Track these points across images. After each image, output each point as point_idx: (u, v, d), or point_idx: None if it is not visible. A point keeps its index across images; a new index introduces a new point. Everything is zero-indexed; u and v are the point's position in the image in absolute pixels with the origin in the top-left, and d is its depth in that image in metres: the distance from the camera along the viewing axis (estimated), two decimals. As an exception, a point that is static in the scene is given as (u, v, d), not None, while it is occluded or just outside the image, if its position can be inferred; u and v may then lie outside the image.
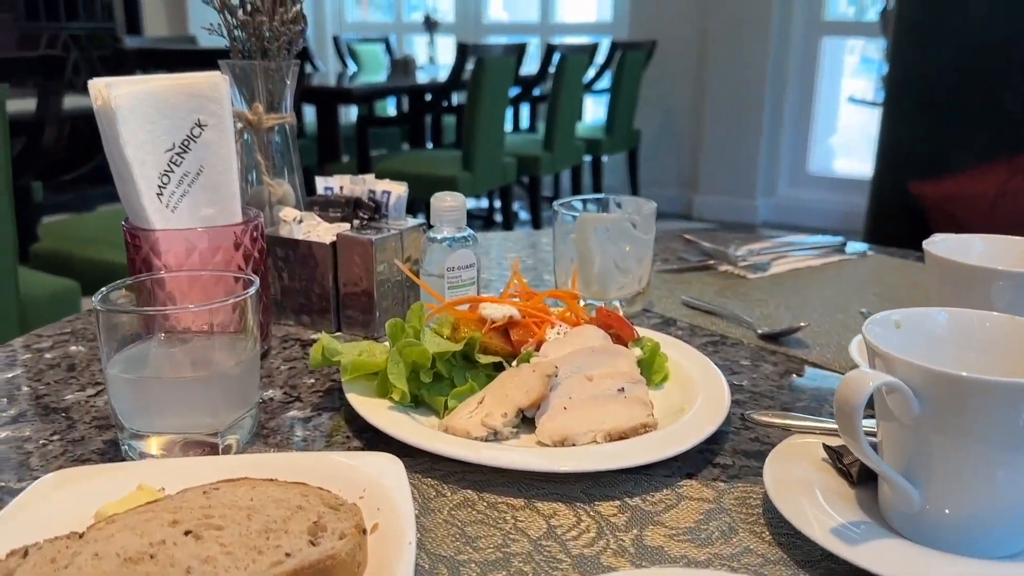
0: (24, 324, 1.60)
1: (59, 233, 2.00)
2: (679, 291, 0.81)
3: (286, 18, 0.65)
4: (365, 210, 0.69)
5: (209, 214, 0.59)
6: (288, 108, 0.69)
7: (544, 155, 3.49)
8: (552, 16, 4.80)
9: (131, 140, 0.54)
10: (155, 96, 0.55)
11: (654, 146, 4.48)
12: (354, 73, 4.15)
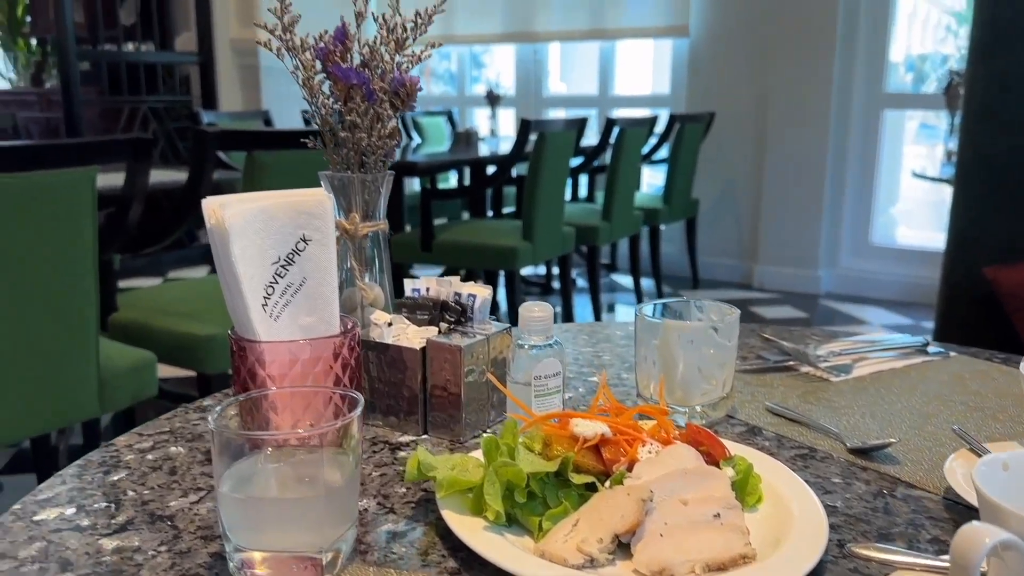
0: (103, 394, 1.66)
1: (136, 303, 2.08)
2: (761, 395, 0.80)
3: (383, 133, 0.69)
4: (451, 313, 0.71)
5: (309, 322, 0.61)
6: (381, 215, 0.71)
7: (602, 225, 3.52)
8: (610, 89, 4.89)
9: (241, 256, 0.57)
10: (264, 213, 0.59)
11: (713, 215, 4.48)
12: (418, 145, 4.27)
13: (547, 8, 4.76)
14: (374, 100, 0.67)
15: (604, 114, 4.82)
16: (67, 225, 1.54)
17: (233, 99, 4.49)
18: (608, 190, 3.54)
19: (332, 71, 0.66)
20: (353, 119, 0.67)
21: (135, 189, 1.74)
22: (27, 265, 1.48)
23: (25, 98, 5.07)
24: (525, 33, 4.82)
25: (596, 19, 4.63)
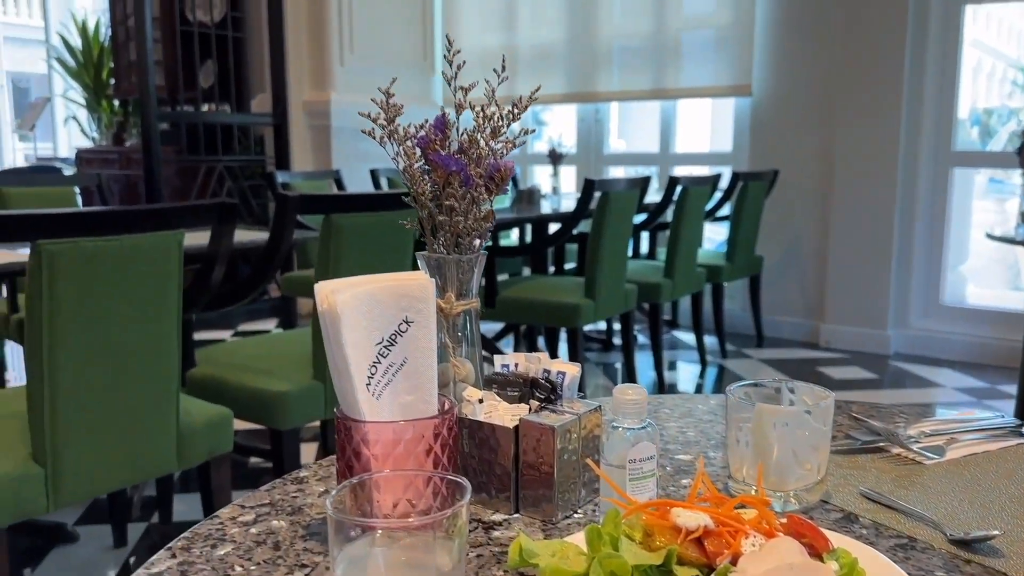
0: (181, 450, 1.71)
1: (213, 359, 2.14)
2: (854, 478, 0.79)
3: (478, 216, 0.71)
4: (541, 390, 0.72)
5: (408, 401, 0.63)
6: (474, 293, 0.73)
7: (665, 282, 3.51)
8: (671, 147, 4.91)
9: (350, 340, 0.60)
10: (371, 297, 0.61)
11: (777, 272, 4.43)
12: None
13: (608, 69, 4.84)
14: (471, 185, 0.70)
15: (665, 171, 4.85)
16: (155, 285, 1.60)
17: (305, 158, 4.64)
18: (671, 248, 3.54)
19: (433, 159, 0.69)
20: (451, 203, 0.70)
21: (219, 250, 1.81)
22: (116, 323, 1.55)
23: (107, 156, 5.33)
24: (587, 94, 4.90)
25: (658, 80, 4.68)
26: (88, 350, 1.51)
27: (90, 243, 1.48)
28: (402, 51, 5.01)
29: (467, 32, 5.25)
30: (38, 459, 1.49)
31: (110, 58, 5.63)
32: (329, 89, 4.62)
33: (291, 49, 4.57)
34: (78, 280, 1.47)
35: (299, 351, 2.11)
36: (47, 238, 1.43)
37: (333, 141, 4.64)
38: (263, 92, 4.89)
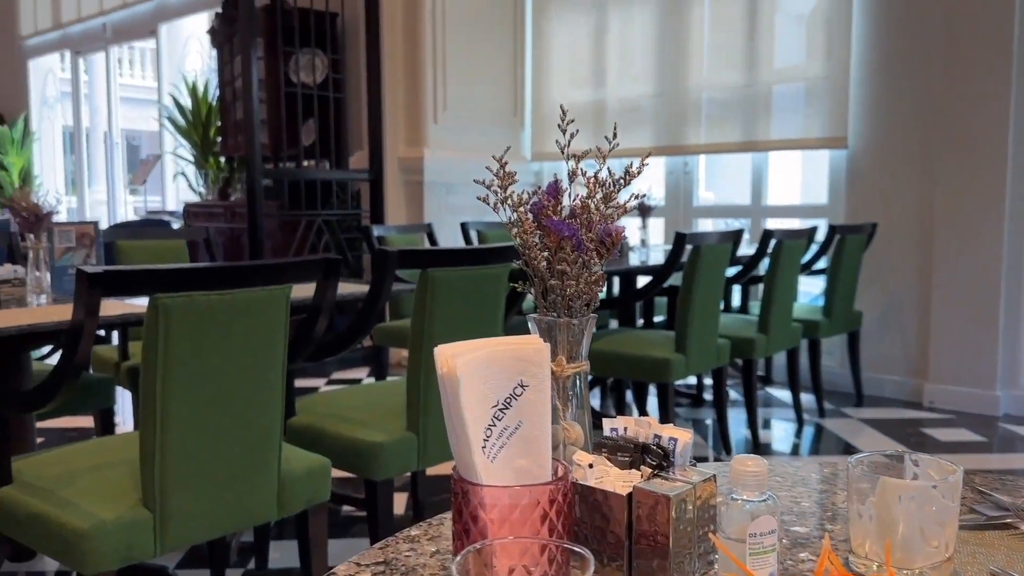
0: (281, 498, 1.75)
1: (312, 408, 2.20)
2: (982, 556, 0.75)
3: (590, 280, 0.72)
4: (653, 456, 0.71)
5: (522, 465, 0.64)
6: (584, 356, 0.74)
7: (759, 337, 3.43)
8: (762, 199, 4.84)
9: (468, 403, 0.61)
10: (488, 361, 0.62)
11: (877, 328, 4.27)
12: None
13: (697, 122, 4.84)
14: (582, 250, 0.71)
15: (756, 223, 4.77)
16: (263, 337, 1.67)
17: (398, 212, 4.78)
18: (765, 302, 3.46)
19: (546, 224, 0.71)
20: (563, 268, 0.71)
21: (323, 304, 1.87)
22: (226, 374, 1.61)
23: (213, 210, 5.62)
24: (676, 147, 4.89)
25: (748, 132, 4.64)
26: (199, 399, 1.58)
27: (204, 297, 1.56)
28: (492, 107, 5.14)
29: (555, 87, 5.35)
30: (148, 505, 1.55)
31: (217, 117, 5.96)
32: (422, 146, 4.76)
33: (388, 108, 4.75)
34: (191, 332, 1.55)
35: (394, 402, 2.15)
36: (165, 292, 1.51)
37: (425, 195, 4.76)
38: (360, 149, 5.08)
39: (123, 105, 8.16)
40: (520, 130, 5.35)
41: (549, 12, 5.33)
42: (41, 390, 1.61)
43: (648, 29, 4.98)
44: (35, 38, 8.68)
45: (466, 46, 4.92)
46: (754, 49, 4.61)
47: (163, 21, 7.14)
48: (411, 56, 4.75)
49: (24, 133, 8.60)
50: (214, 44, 5.71)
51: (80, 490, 1.59)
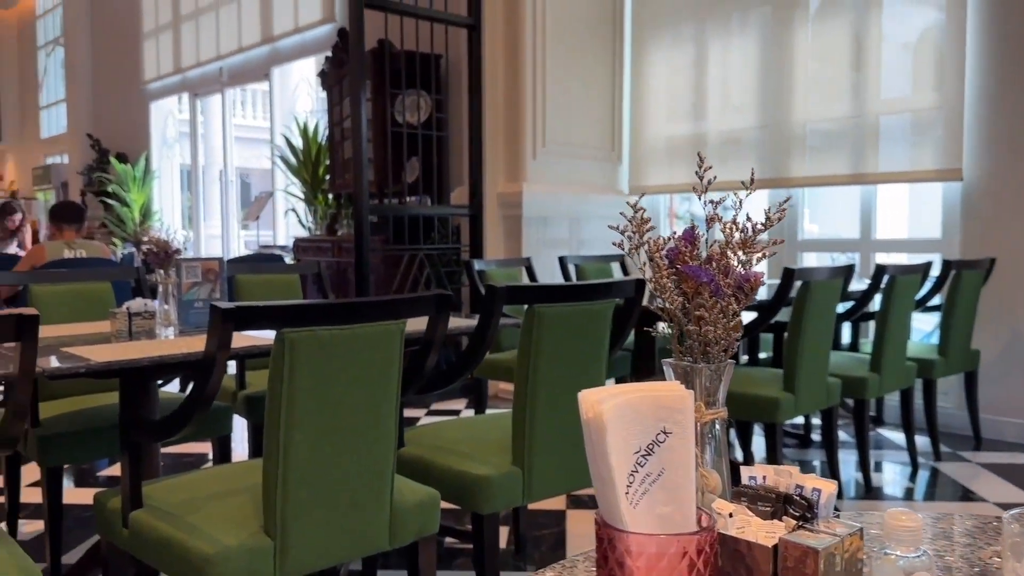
0: (392, 529, 1.78)
1: (419, 440, 2.24)
2: None
3: (729, 326, 0.72)
4: (796, 508, 0.70)
5: (665, 512, 0.64)
6: (721, 402, 0.74)
7: (871, 376, 3.30)
8: (871, 232, 4.68)
9: (614, 448, 0.62)
10: (631, 407, 0.63)
11: (996, 368, 4.04)
12: (667, 287, 4.32)
13: (802, 154, 4.73)
14: (721, 295, 0.71)
15: (865, 257, 4.62)
16: (379, 370, 1.72)
17: (497, 246, 4.85)
18: (878, 340, 3.33)
19: (683, 270, 0.71)
20: (700, 313, 0.71)
21: (435, 338, 1.91)
22: (344, 406, 1.66)
23: (321, 245, 5.83)
24: (779, 179, 4.80)
25: (856, 164, 4.51)
26: (319, 430, 1.64)
27: (326, 332, 1.62)
28: (590, 142, 5.18)
29: (653, 121, 5.34)
30: (269, 532, 1.61)
31: (326, 156, 6.21)
32: (521, 181, 4.83)
33: (488, 145, 4.85)
34: (314, 365, 1.61)
35: (498, 436, 2.17)
36: (290, 327, 1.58)
37: (524, 230, 4.82)
38: (461, 185, 5.19)
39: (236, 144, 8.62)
40: (617, 164, 5.36)
41: (648, 46, 5.35)
42: (174, 419, 1.70)
43: (749, 60, 4.93)
44: (157, 82, 9.29)
45: (565, 83, 4.98)
46: (860, 79, 4.50)
47: (276, 65, 7.52)
48: (511, 94, 4.84)
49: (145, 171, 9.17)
50: (324, 87, 5.98)
51: (205, 516, 1.66)
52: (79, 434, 2.38)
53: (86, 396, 2.68)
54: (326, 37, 6.69)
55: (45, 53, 13.90)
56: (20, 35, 14.89)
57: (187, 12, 8.51)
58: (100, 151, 9.99)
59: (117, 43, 10.06)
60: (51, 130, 13.59)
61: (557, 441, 2.08)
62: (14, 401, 1.51)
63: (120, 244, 7.49)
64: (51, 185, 12.13)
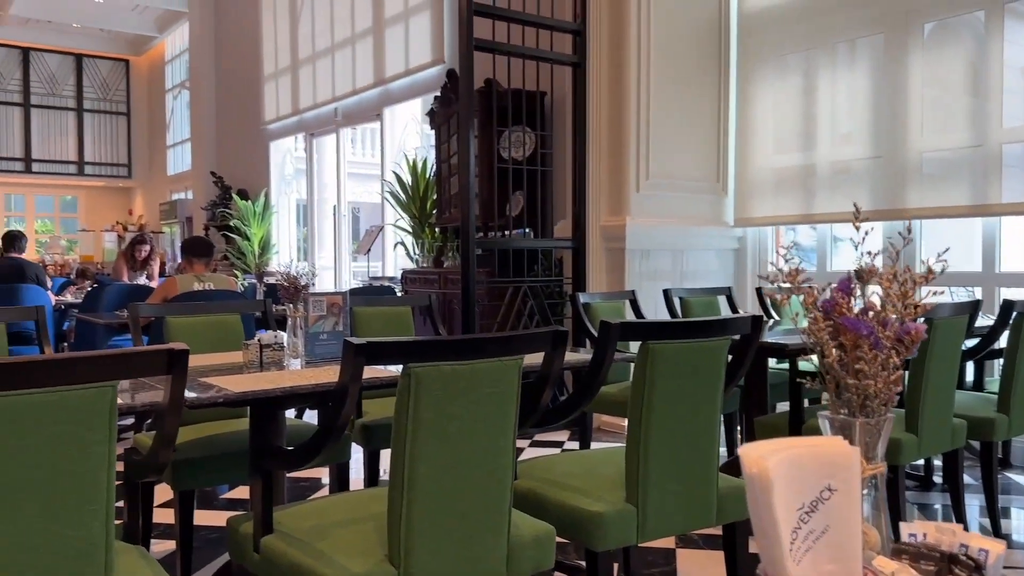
0: (510, 564, 1.80)
1: (532, 473, 2.26)
2: None
3: (889, 379, 0.72)
4: (963, 568, 0.68)
5: (830, 570, 0.64)
6: (880, 456, 0.73)
7: (998, 417, 3.12)
8: (995, 266, 4.45)
9: (779, 504, 0.62)
10: (795, 463, 0.64)
11: None
12: (775, 323, 4.22)
13: (918, 185, 4.56)
14: (880, 348, 0.71)
15: (989, 292, 4.39)
16: (497, 405, 1.76)
17: (599, 278, 4.86)
18: (1005, 379, 3.16)
19: (841, 323, 0.71)
20: (860, 367, 0.71)
21: (551, 373, 1.94)
22: (465, 439, 1.71)
23: (428, 276, 5.98)
24: (894, 211, 4.63)
25: (977, 195, 4.31)
26: (441, 463, 1.68)
27: (448, 367, 1.67)
28: (694, 174, 5.14)
29: (761, 152, 5.26)
30: (393, 561, 1.66)
31: (433, 191, 6.39)
32: (625, 214, 4.83)
33: (591, 179, 4.88)
34: (437, 398, 1.66)
35: (611, 472, 2.17)
36: (416, 362, 1.64)
37: (627, 262, 4.81)
38: (564, 218, 5.24)
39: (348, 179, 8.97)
40: (723, 195, 5.30)
41: (754, 77, 5.29)
42: (306, 448, 1.79)
43: (860, 89, 4.81)
44: (276, 123, 9.79)
45: (669, 116, 4.98)
46: (979, 106, 4.31)
47: (387, 105, 7.82)
48: (615, 129, 4.87)
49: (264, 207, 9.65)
50: (432, 125, 6.17)
51: (333, 543, 1.73)
52: (210, 460, 2.51)
53: (214, 423, 2.83)
54: (434, 78, 6.92)
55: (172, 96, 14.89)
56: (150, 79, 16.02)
57: (304, 56, 8.97)
58: (223, 188, 10.59)
59: (239, 86, 10.68)
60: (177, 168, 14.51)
61: (671, 479, 2.06)
62: (163, 430, 1.62)
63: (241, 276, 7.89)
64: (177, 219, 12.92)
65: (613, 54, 4.85)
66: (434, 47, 6.94)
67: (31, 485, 1.34)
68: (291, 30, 9.23)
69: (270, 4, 9.68)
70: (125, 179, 16.05)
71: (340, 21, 8.27)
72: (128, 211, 16.04)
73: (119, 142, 15.95)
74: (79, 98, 15.55)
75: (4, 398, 1.29)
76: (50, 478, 1.35)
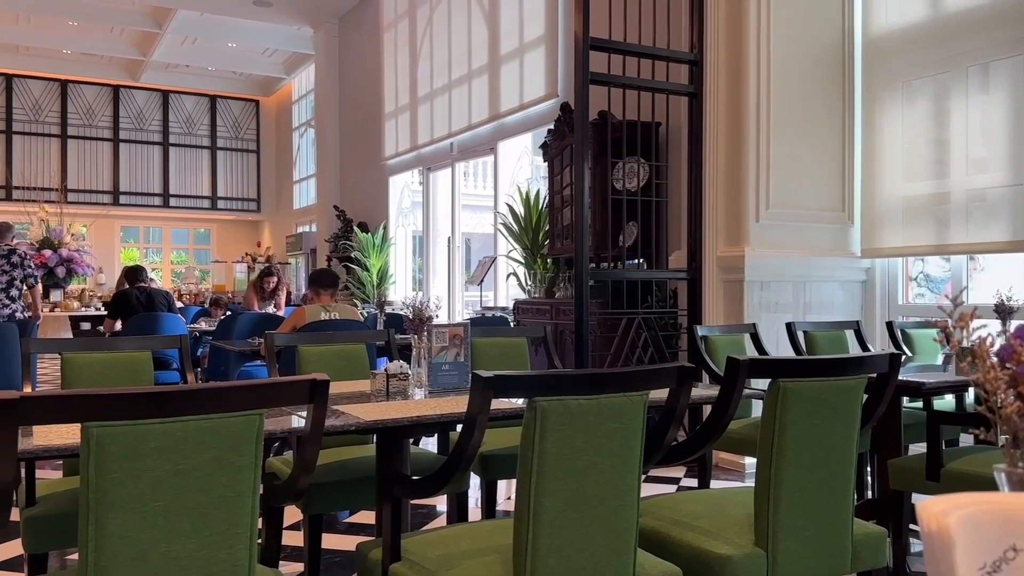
0: (636, 604, 1.77)
1: (655, 512, 2.22)
2: None
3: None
4: None
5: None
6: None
7: None
8: None
9: (960, 564, 0.59)
10: (977, 520, 0.61)
11: None
12: (907, 359, 4.00)
13: (1068, 211, 4.25)
14: (1058, 397, 0.67)
15: None
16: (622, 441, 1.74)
17: (716, 311, 4.76)
18: None
19: (1020, 372, 0.68)
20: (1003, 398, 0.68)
21: (676, 409, 1.91)
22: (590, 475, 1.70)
23: (539, 307, 6.02)
24: (1040, 240, 4.34)
25: None
26: (567, 496, 1.68)
27: (574, 401, 1.68)
28: (817, 203, 4.98)
29: (889, 180, 5.04)
30: (518, 593, 1.66)
31: (546, 222, 6.45)
32: (743, 244, 4.73)
33: (708, 210, 4.81)
34: (561, 433, 1.67)
35: (738, 513, 2.10)
36: (542, 395, 1.65)
37: (745, 294, 4.70)
38: (679, 249, 5.17)
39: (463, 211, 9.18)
40: (848, 225, 5.10)
41: (881, 104, 5.10)
42: (436, 477, 1.82)
43: (997, 113, 4.54)
44: (395, 158, 10.17)
45: (790, 145, 4.86)
46: None
47: (500, 140, 7.99)
48: (733, 158, 4.79)
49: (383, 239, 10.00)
50: (545, 158, 6.25)
51: (460, 573, 1.75)
52: (338, 485, 2.59)
53: (336, 448, 2.92)
54: (547, 112, 7.02)
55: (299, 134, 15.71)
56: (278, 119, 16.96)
57: (423, 94, 9.29)
58: (344, 221, 11.06)
59: (361, 124, 11.16)
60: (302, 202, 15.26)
61: (804, 523, 1.98)
62: (304, 457, 1.69)
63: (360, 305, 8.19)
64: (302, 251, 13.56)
65: (731, 83, 4.79)
66: (548, 81, 7.04)
67: (185, 508, 1.42)
68: (411, 70, 9.58)
69: (391, 46, 10.10)
70: (254, 213, 17.01)
71: (457, 60, 8.53)
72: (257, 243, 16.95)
73: (249, 178, 16.93)
74: (213, 137, 16.62)
75: (163, 424, 1.38)
76: (202, 501, 1.43)
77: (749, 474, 4.62)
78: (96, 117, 15.60)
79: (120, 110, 15.77)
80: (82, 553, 1.38)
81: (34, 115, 15.13)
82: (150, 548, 1.40)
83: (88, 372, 2.65)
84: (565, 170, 5.84)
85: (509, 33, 7.62)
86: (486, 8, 8.00)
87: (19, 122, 14.97)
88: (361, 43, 11.18)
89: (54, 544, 2.23)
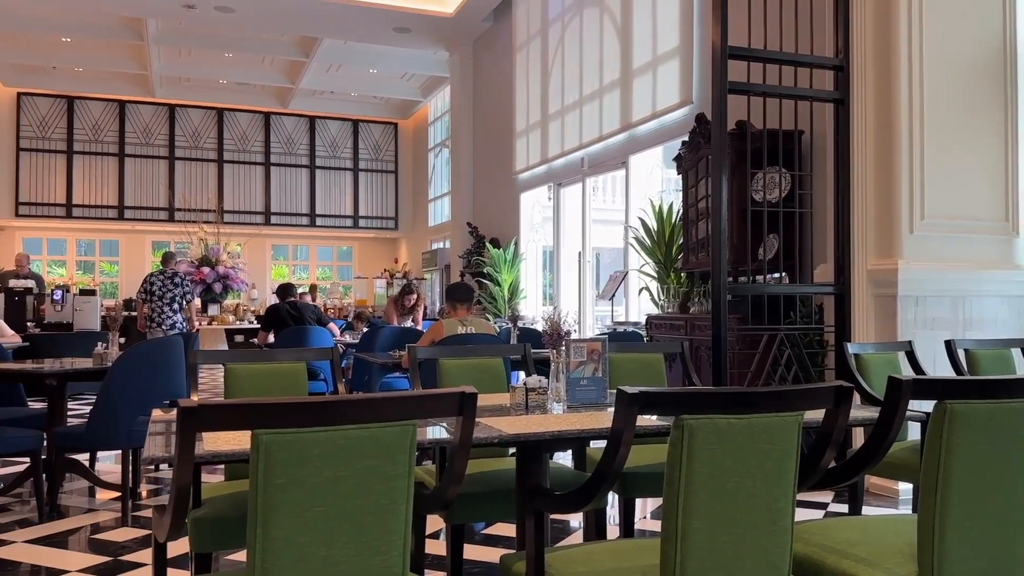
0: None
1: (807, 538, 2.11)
2: None
3: None
4: None
5: None
6: None
7: None
8: None
9: None
10: None
11: None
12: None
13: None
14: None
15: None
16: (775, 462, 1.68)
17: (866, 327, 4.51)
18: None
19: None
20: None
21: (833, 431, 1.83)
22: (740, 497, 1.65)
23: (673, 322, 5.91)
24: None
25: None
26: (716, 518, 1.64)
27: (723, 419, 1.64)
28: (977, 212, 4.64)
29: (1061, 187, 4.64)
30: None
31: (679, 236, 6.34)
32: (896, 257, 4.47)
33: (856, 221, 4.58)
34: (710, 452, 1.63)
35: (899, 543, 1.99)
36: (689, 413, 1.62)
37: (898, 310, 4.43)
38: (824, 262, 4.95)
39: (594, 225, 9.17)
40: (1013, 236, 4.73)
41: (1050, 104, 4.70)
42: (581, 492, 1.82)
43: None
44: (526, 173, 10.29)
45: (946, 150, 4.56)
46: None
47: (631, 153, 7.93)
48: (883, 167, 4.54)
49: (514, 254, 10.14)
50: (679, 170, 6.15)
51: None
52: (479, 496, 2.63)
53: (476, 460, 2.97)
54: (679, 124, 6.91)
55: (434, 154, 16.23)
56: (415, 140, 17.60)
57: (554, 110, 9.37)
58: (477, 237, 11.31)
59: (493, 142, 11.39)
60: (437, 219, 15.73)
61: (973, 555, 1.84)
62: (452, 468, 1.73)
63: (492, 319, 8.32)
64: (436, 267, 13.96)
65: (880, 87, 4.55)
66: (682, 89, 6.94)
67: (344, 514, 1.48)
68: (542, 87, 9.69)
69: (523, 65, 10.25)
70: (392, 231, 17.69)
71: (588, 75, 8.55)
72: (394, 259, 17.60)
73: (388, 197, 17.64)
74: (355, 159, 17.43)
75: (325, 432, 1.45)
76: (360, 508, 1.49)
77: (903, 500, 4.34)
78: (249, 143, 16.71)
79: (271, 136, 16.82)
80: (250, 555, 1.46)
81: (194, 141, 16.37)
82: (311, 552, 1.47)
83: (249, 381, 2.83)
84: (700, 182, 5.72)
85: (642, 45, 7.57)
86: (618, 22, 7.99)
87: (181, 148, 16.24)
88: (494, 63, 11.42)
89: (218, 545, 2.37)
